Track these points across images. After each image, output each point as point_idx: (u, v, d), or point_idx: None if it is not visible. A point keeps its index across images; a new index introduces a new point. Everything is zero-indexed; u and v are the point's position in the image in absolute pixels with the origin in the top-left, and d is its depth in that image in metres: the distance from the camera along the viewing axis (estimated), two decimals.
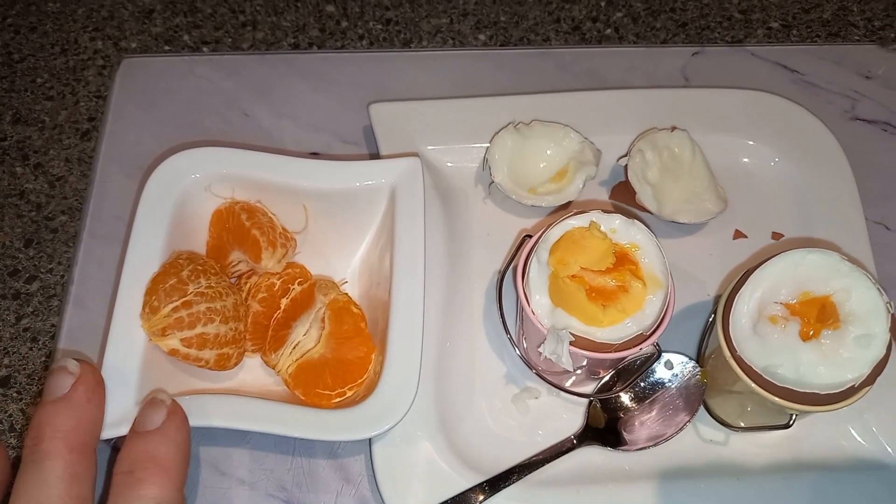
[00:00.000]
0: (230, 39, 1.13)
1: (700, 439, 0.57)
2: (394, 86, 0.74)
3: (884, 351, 0.46)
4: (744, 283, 0.49)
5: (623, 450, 0.55)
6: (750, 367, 0.48)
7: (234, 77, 0.75)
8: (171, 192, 0.55)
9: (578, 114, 0.68)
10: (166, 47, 1.16)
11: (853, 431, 0.57)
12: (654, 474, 0.55)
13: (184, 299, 0.51)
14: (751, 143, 0.69)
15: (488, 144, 0.65)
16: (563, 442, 0.55)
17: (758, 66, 0.77)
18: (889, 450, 0.56)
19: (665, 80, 0.76)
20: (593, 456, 0.55)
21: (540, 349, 0.51)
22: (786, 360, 0.47)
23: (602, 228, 0.51)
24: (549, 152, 0.65)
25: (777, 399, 0.48)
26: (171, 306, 0.51)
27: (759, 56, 0.78)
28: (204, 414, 0.48)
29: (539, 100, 0.69)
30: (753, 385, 0.48)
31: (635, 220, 0.51)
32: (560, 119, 0.67)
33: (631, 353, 0.50)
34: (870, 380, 0.47)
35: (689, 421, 0.56)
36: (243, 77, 0.75)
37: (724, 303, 0.51)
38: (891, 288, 0.64)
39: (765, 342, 0.48)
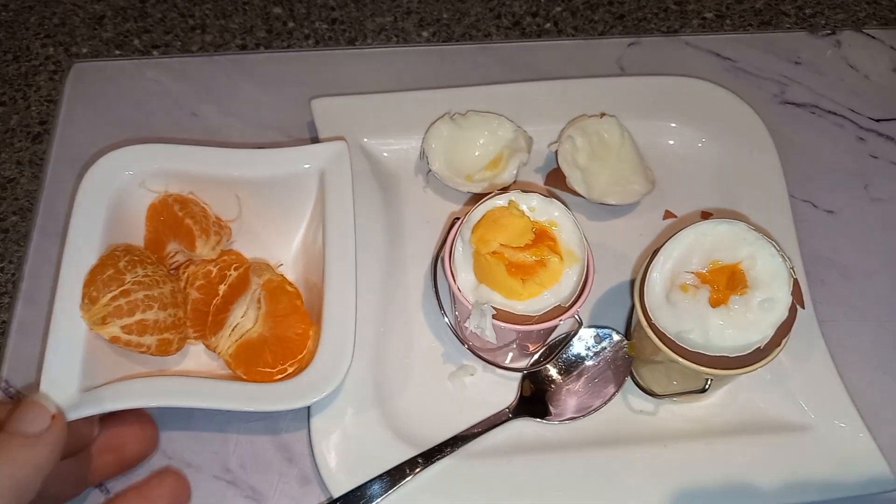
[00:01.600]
0: (179, 43, 1.16)
1: (630, 410, 0.59)
2: (339, 83, 0.76)
3: (786, 313, 0.49)
4: (657, 255, 0.52)
5: (554, 421, 0.57)
6: (664, 333, 0.51)
7: (183, 79, 0.77)
8: (106, 190, 0.57)
9: (514, 104, 0.70)
10: (117, 52, 1.18)
11: (776, 398, 0.59)
12: (584, 444, 0.57)
13: (122, 288, 0.53)
14: (678, 126, 0.71)
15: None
16: (497, 415, 0.57)
17: (692, 54, 0.80)
18: (810, 414, 0.58)
19: (601, 70, 0.78)
20: (526, 428, 0.58)
21: (466, 324, 0.53)
22: (696, 325, 0.49)
23: (521, 207, 0.53)
24: (482, 141, 0.67)
25: (690, 363, 0.50)
26: (109, 295, 0.53)
27: (692, 45, 0.81)
28: (133, 395, 0.50)
29: (476, 92, 0.72)
30: (668, 350, 0.51)
31: (553, 199, 0.53)
32: (496, 110, 0.69)
33: (551, 325, 0.52)
34: (775, 342, 0.49)
35: (616, 392, 0.58)
36: (192, 78, 0.77)
37: (641, 274, 0.53)
38: (816, 261, 0.67)
39: (676, 309, 0.50)
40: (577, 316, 0.54)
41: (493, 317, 0.51)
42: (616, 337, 0.59)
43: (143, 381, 0.51)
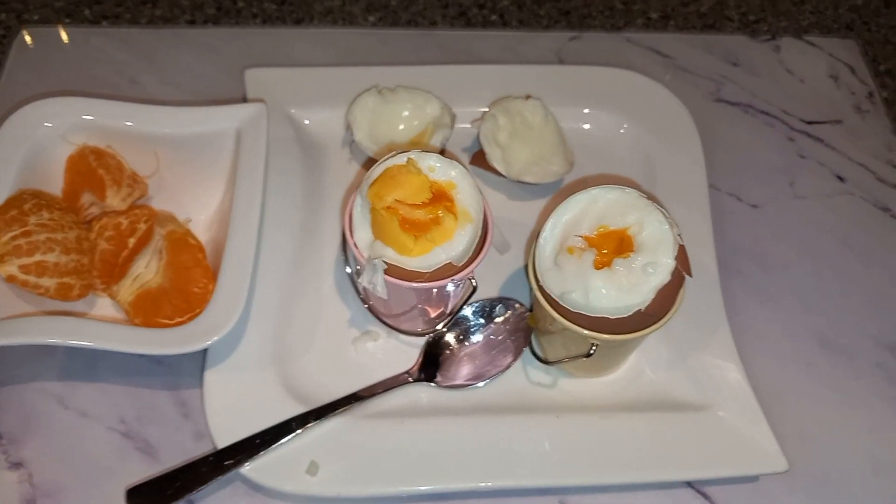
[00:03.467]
0: (129, 15, 1.18)
1: (529, 381, 0.59)
2: (280, 60, 0.77)
3: (668, 277, 0.49)
4: (548, 219, 0.52)
5: (450, 387, 0.57)
6: (549, 294, 0.51)
7: (126, 48, 0.78)
8: (23, 140, 0.58)
9: (443, 86, 0.71)
10: (67, 20, 1.20)
11: (675, 377, 0.59)
12: (477, 411, 0.57)
13: (23, 229, 0.54)
14: (602, 112, 0.72)
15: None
16: (395, 377, 0.57)
17: (632, 51, 0.81)
18: (707, 394, 0.58)
19: (541, 62, 0.79)
20: (422, 393, 0.58)
21: (360, 280, 0.53)
22: (578, 286, 0.49)
23: (420, 166, 0.53)
24: (406, 114, 0.68)
25: (572, 325, 0.50)
26: (10, 235, 0.53)
27: (633, 42, 0.82)
28: (18, 332, 0.51)
29: (406, 71, 0.73)
30: (552, 311, 0.51)
31: (454, 161, 0.54)
32: (425, 89, 0.70)
33: (442, 283, 0.52)
34: (658, 306, 0.50)
35: (513, 362, 0.58)
36: (136, 48, 0.78)
37: (536, 239, 0.53)
38: (737, 252, 0.67)
39: (562, 271, 0.50)
40: (472, 279, 0.54)
41: (385, 272, 0.52)
42: (519, 307, 0.60)
43: (29, 319, 0.52)
